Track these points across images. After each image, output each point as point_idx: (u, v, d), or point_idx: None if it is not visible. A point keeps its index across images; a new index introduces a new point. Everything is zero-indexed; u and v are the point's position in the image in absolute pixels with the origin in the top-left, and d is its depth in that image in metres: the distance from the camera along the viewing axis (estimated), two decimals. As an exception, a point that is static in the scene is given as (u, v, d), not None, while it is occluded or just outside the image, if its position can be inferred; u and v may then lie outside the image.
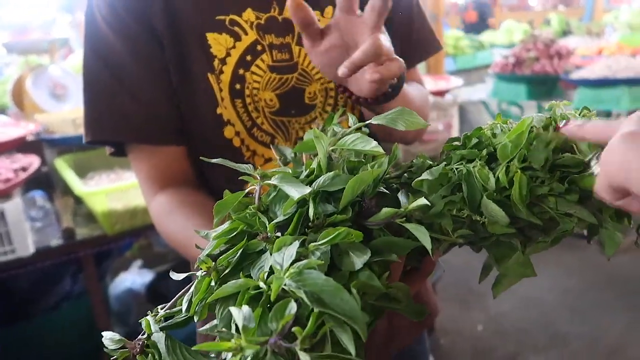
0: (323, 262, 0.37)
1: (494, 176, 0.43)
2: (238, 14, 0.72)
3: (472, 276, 2.82)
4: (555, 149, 0.44)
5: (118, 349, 0.43)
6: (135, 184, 1.46)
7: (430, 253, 0.40)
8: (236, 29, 0.72)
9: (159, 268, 2.56)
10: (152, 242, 2.64)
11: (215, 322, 0.42)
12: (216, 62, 0.71)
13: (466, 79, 5.25)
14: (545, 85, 3.11)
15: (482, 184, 0.43)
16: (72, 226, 1.47)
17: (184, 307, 0.44)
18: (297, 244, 0.38)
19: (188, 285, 0.46)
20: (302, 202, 0.43)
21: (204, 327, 0.43)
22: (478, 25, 6.90)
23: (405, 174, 0.49)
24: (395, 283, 0.42)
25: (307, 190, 0.42)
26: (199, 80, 0.71)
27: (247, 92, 0.73)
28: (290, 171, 0.49)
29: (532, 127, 0.45)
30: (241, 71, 0.73)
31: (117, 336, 0.44)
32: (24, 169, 1.45)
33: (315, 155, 0.49)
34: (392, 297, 0.42)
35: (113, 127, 0.72)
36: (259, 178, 0.47)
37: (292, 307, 0.33)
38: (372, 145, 0.44)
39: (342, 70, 0.58)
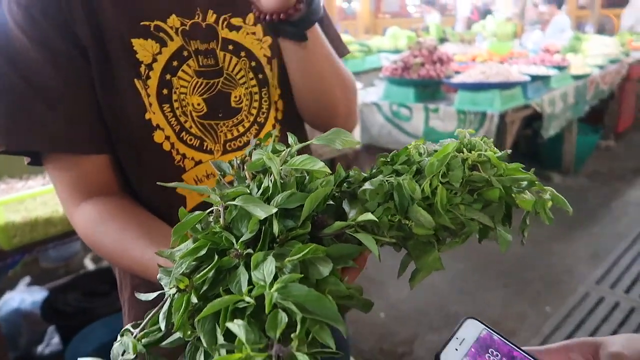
0: (302, 275, 0.42)
1: (420, 187, 0.52)
2: (162, 20, 0.73)
3: (371, 267, 3.01)
4: (467, 167, 0.54)
5: None
6: (34, 194, 1.37)
7: (378, 258, 0.47)
8: (161, 34, 0.73)
9: (52, 284, 2.37)
10: (39, 257, 2.44)
11: (177, 335, 0.44)
12: (142, 68, 0.72)
13: (357, 82, 5.52)
14: (430, 89, 3.40)
15: (410, 194, 0.51)
16: (-41, 242, 1.33)
17: (162, 325, 0.45)
18: (273, 259, 0.42)
19: (160, 305, 0.47)
20: (264, 220, 0.47)
21: (167, 341, 0.45)
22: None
23: (345, 184, 0.56)
24: (352, 285, 0.48)
25: (273, 210, 0.46)
26: (126, 86, 0.71)
27: (174, 97, 0.74)
28: (245, 189, 0.53)
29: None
30: (168, 76, 0.73)
31: None
32: None
33: (259, 172, 0.54)
34: (348, 297, 0.47)
35: (28, 135, 0.69)
36: (220, 199, 0.50)
37: (284, 317, 0.37)
38: (320, 166, 0.50)
39: None
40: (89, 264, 2.51)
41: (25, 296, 2.27)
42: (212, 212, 0.50)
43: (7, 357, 1.52)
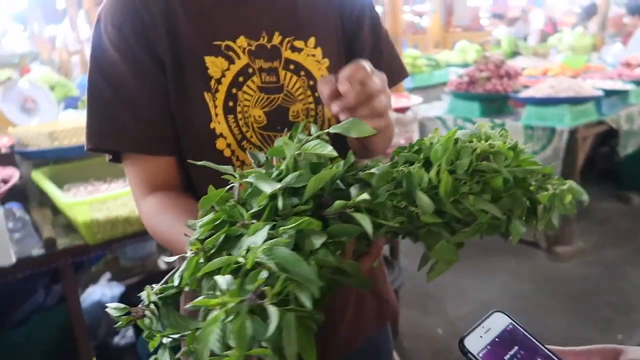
0: (289, 240, 0.47)
1: (427, 176, 0.54)
2: (232, 40, 0.82)
3: (430, 284, 2.98)
4: (476, 157, 0.54)
5: (121, 315, 0.53)
6: (116, 195, 1.52)
7: (371, 236, 0.50)
8: (230, 53, 0.82)
9: (128, 281, 2.58)
10: (119, 256, 2.66)
11: (199, 299, 0.50)
12: (212, 82, 0.81)
13: (424, 96, 5.50)
14: (497, 103, 3.34)
15: (419, 182, 0.54)
16: (53, 236, 1.50)
17: (176, 282, 0.53)
18: (267, 227, 0.48)
19: (177, 267, 0.55)
20: (273, 196, 0.53)
21: (189, 305, 0.50)
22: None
23: (360, 172, 0.59)
24: (347, 260, 0.52)
25: (278, 186, 0.52)
26: (196, 98, 0.80)
27: (238, 108, 0.82)
28: (264, 172, 0.59)
29: (457, 139, 0.56)
30: (234, 90, 0.82)
31: (121, 305, 0.53)
32: (4, 181, 1.48)
33: (284, 158, 0.59)
34: (346, 273, 0.51)
35: (112, 137, 0.80)
36: (238, 177, 0.57)
37: (264, 273, 0.43)
38: (328, 150, 0.55)
39: (333, 109, 0.66)
40: (163, 264, 2.70)
41: (106, 290, 2.49)
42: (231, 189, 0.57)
43: (89, 345, 1.69)
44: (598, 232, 3.45)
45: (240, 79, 0.82)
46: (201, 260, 0.50)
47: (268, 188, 0.52)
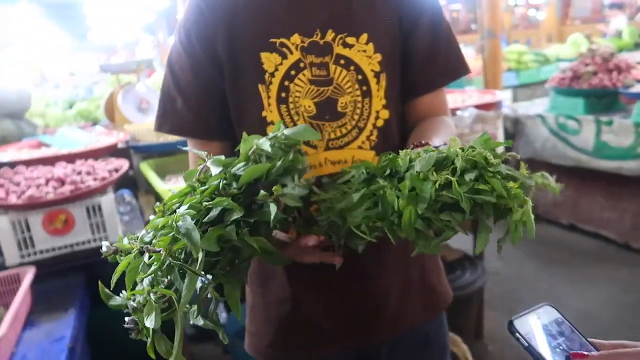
0: (195, 212, 0.62)
1: (397, 201, 0.64)
2: (287, 37, 0.91)
3: (521, 287, 2.84)
4: (436, 188, 0.62)
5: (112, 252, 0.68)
6: (205, 184, 1.70)
7: (271, 222, 0.63)
8: (284, 49, 0.91)
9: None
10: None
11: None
12: (267, 75, 0.90)
13: (531, 93, 5.21)
14: (604, 99, 3.08)
15: (391, 205, 0.64)
16: (153, 219, 1.72)
17: (146, 235, 0.68)
18: (191, 202, 0.64)
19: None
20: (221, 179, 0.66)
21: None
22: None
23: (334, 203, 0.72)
24: (251, 237, 0.64)
25: (220, 169, 0.67)
26: (251, 90, 0.91)
27: (290, 99, 0.91)
28: (223, 159, 0.73)
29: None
30: (286, 82, 0.91)
31: (107, 242, 0.68)
32: (116, 170, 1.72)
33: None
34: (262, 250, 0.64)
35: (171, 123, 0.96)
36: (205, 160, 0.73)
37: (171, 233, 0.59)
38: (266, 146, 0.70)
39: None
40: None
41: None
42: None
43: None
44: None
45: (292, 72, 0.91)
46: (159, 217, 0.67)
47: (215, 171, 0.68)
